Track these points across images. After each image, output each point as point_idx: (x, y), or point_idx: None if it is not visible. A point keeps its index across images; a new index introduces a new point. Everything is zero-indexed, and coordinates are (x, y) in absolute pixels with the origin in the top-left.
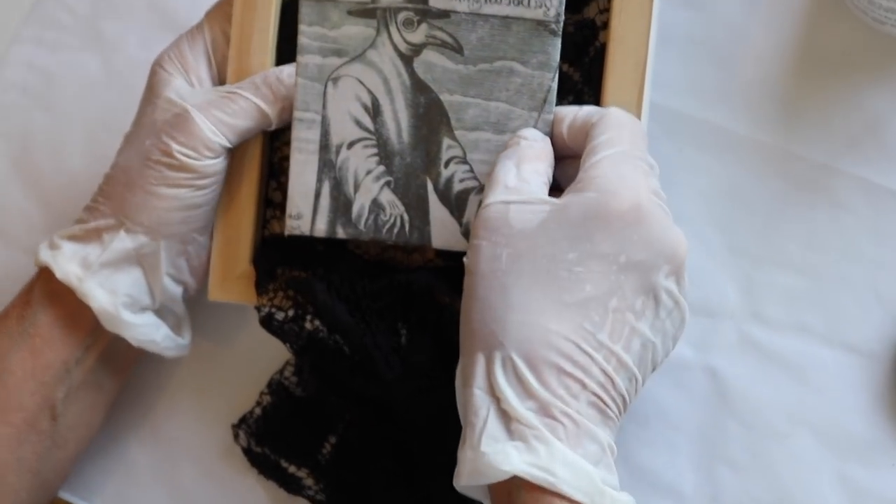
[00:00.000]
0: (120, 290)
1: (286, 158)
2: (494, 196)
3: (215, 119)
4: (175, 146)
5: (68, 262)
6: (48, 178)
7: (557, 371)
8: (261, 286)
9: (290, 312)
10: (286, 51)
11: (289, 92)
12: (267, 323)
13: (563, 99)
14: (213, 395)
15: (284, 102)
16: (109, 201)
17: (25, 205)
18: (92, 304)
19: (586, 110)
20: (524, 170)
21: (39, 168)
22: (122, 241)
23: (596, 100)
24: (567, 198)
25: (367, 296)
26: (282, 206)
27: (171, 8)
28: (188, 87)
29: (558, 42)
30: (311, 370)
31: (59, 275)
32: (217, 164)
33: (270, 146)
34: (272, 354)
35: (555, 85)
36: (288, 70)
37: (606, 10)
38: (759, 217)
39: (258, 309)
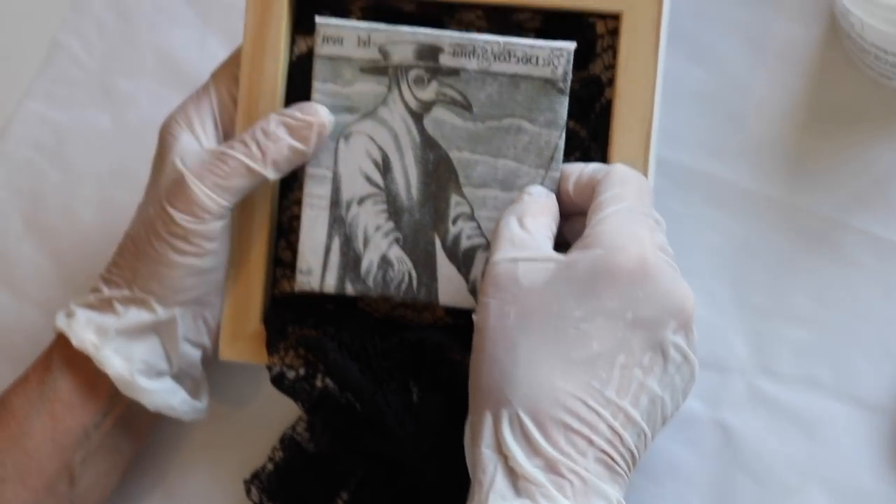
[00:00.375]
0: (136, 357)
1: (295, 217)
2: (502, 253)
3: (210, 182)
4: (175, 213)
5: (84, 330)
6: (60, 233)
7: (564, 428)
8: (271, 345)
9: (301, 371)
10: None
11: (277, 143)
12: (278, 382)
13: (569, 155)
14: (226, 452)
15: (276, 155)
16: (122, 271)
17: (38, 259)
18: (108, 371)
19: (592, 167)
20: (529, 224)
21: (52, 223)
22: (138, 311)
23: (603, 156)
24: (573, 254)
25: (378, 354)
26: (291, 266)
27: (181, 64)
28: (194, 146)
29: (566, 100)
30: (323, 427)
31: (75, 342)
32: (219, 225)
33: (279, 205)
34: (284, 411)
35: (562, 143)
36: (275, 119)
37: (612, 66)
38: (768, 271)
39: (269, 368)
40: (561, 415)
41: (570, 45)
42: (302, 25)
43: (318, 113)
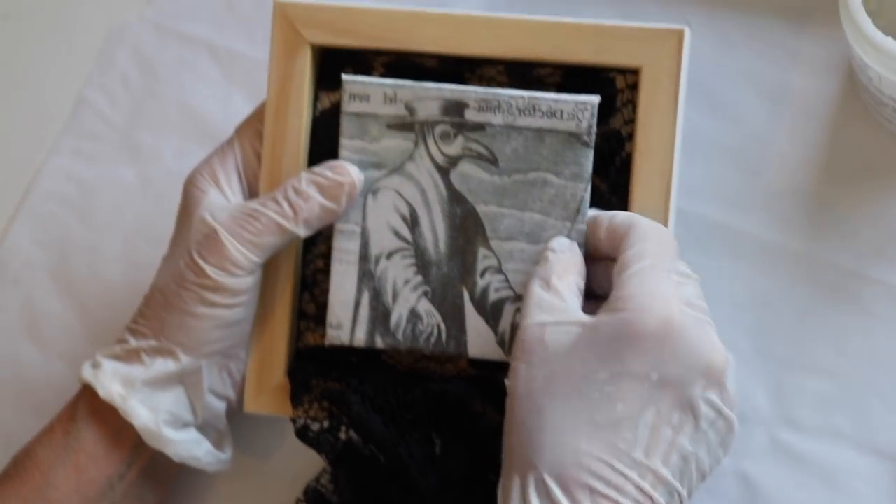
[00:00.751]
0: (162, 408)
1: (320, 271)
2: (531, 318)
3: (242, 239)
4: (207, 266)
5: (111, 381)
6: (86, 286)
7: (590, 492)
8: (296, 398)
9: (325, 423)
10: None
11: (308, 202)
12: (303, 434)
13: (590, 207)
14: (250, 503)
15: (307, 214)
16: (149, 322)
17: (64, 313)
18: (134, 422)
19: (619, 218)
20: (556, 285)
21: (78, 277)
22: (165, 362)
23: (623, 209)
24: (598, 317)
25: (401, 406)
26: (315, 319)
27: (205, 119)
28: (221, 201)
29: (591, 153)
30: (347, 479)
31: (101, 393)
32: (249, 280)
33: (303, 259)
34: (308, 463)
35: (587, 195)
36: (306, 178)
37: (631, 120)
38: (788, 322)
39: (294, 421)
40: (586, 478)
41: (595, 99)
42: (325, 82)
43: (348, 172)
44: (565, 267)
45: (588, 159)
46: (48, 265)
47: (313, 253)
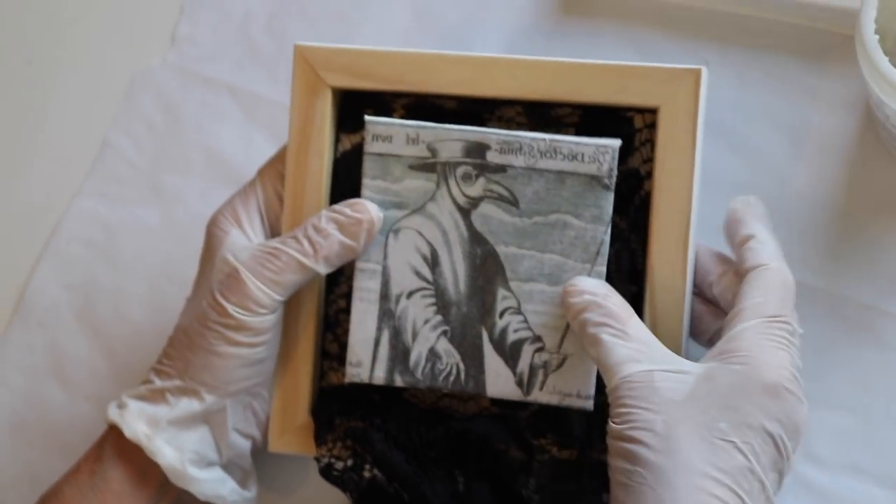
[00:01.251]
0: (187, 447)
1: (342, 311)
2: (630, 367)
3: (263, 277)
4: (229, 306)
5: (136, 421)
6: (111, 328)
7: None
8: (320, 437)
9: (349, 462)
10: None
11: (328, 239)
12: (327, 473)
13: (610, 245)
14: None
15: (327, 252)
16: (174, 363)
17: (90, 355)
18: (160, 461)
19: (747, 263)
20: (633, 333)
21: (103, 319)
22: (191, 401)
23: (643, 247)
24: (711, 367)
25: (424, 444)
26: (338, 358)
27: (227, 161)
28: (243, 241)
29: (611, 196)
30: None
31: (127, 433)
32: (272, 318)
33: (326, 299)
34: (331, 500)
35: (607, 238)
36: (326, 216)
37: (650, 159)
38: (808, 357)
39: (318, 459)
40: None
41: (616, 143)
42: (346, 124)
43: (367, 210)
44: (628, 312)
45: (608, 202)
46: (74, 307)
47: (335, 293)
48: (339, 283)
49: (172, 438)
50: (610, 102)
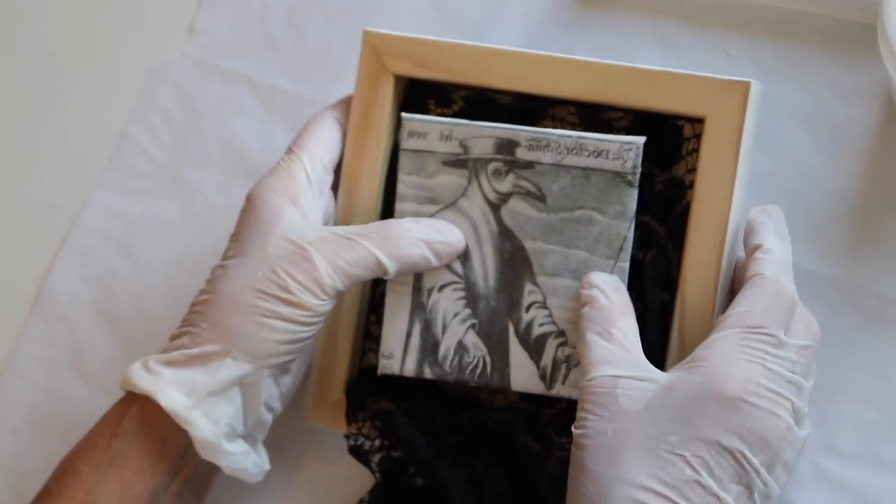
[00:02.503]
0: (222, 420)
1: (384, 294)
2: (598, 370)
3: (335, 264)
4: (292, 283)
5: (173, 390)
6: (131, 321)
7: None
8: (351, 415)
9: (377, 442)
10: (385, 198)
11: (409, 248)
12: (356, 451)
13: (646, 251)
14: None
15: (403, 261)
16: (214, 327)
17: (108, 348)
18: (195, 433)
19: (749, 272)
20: (617, 336)
21: (122, 312)
22: (229, 369)
23: (679, 254)
24: (674, 376)
25: (446, 429)
26: (378, 340)
27: (246, 154)
28: (301, 220)
29: (635, 193)
30: (388, 498)
31: (164, 403)
32: (329, 304)
33: (374, 281)
34: (343, 492)
35: (630, 234)
36: (408, 224)
37: (695, 169)
38: (830, 350)
39: (347, 437)
40: None
41: (640, 140)
42: (408, 111)
43: (461, 241)
44: (620, 312)
45: (632, 199)
46: (93, 300)
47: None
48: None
49: (210, 410)
50: (660, 108)
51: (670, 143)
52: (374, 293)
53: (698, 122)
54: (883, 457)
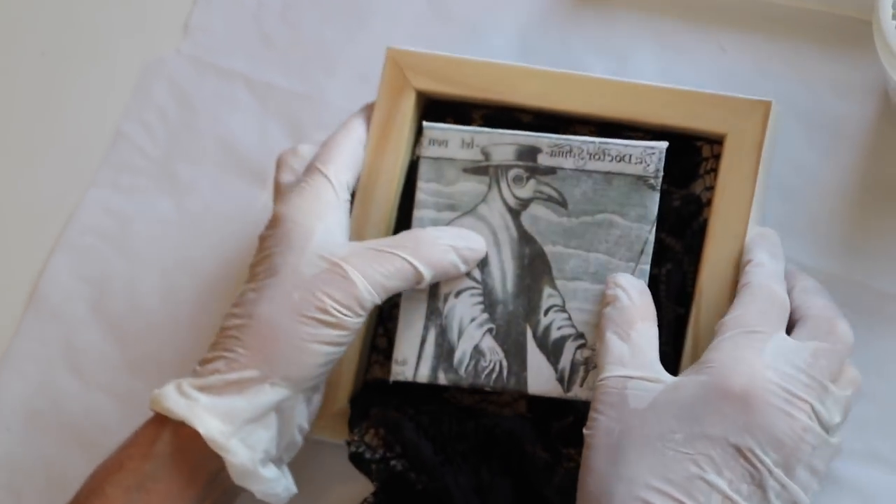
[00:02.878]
0: (259, 447)
1: (396, 306)
2: (611, 370)
3: (371, 278)
4: (330, 303)
5: (210, 416)
6: (126, 319)
7: None
8: (353, 423)
9: (380, 451)
10: (400, 211)
11: (442, 254)
12: (356, 459)
13: (661, 266)
14: None
15: (437, 268)
16: (252, 353)
17: (103, 346)
18: (232, 461)
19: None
20: (634, 337)
21: (117, 309)
22: (268, 395)
23: (694, 271)
24: (682, 377)
25: (453, 437)
26: (385, 352)
27: (242, 151)
28: (331, 238)
29: (657, 196)
30: None
31: (202, 430)
32: (364, 319)
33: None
34: (346, 495)
35: (652, 237)
36: (435, 233)
37: (712, 187)
38: None
39: (348, 444)
40: None
41: (663, 145)
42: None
43: (484, 247)
44: (641, 314)
45: (654, 202)
46: (88, 298)
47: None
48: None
49: (248, 437)
50: (681, 126)
51: (689, 163)
52: (382, 306)
53: (717, 143)
54: (880, 453)
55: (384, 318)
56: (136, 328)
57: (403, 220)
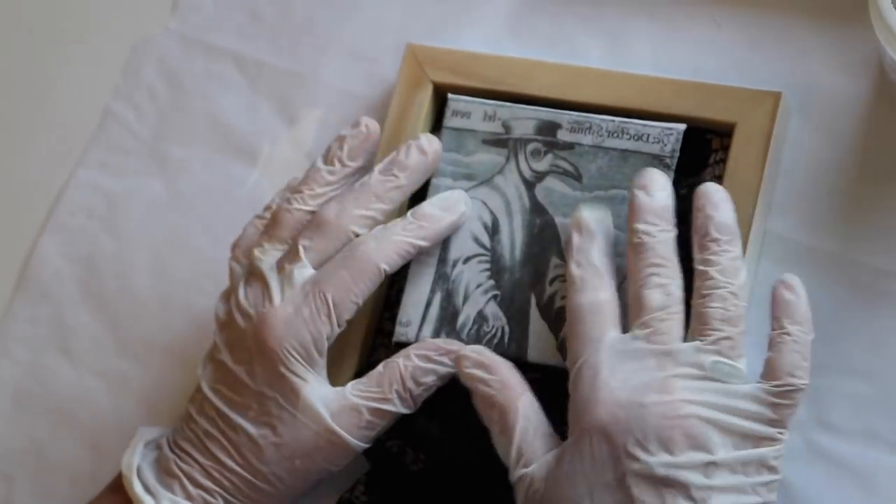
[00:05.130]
0: None
1: (402, 291)
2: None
3: (360, 433)
4: (326, 465)
5: None
6: (115, 299)
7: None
8: None
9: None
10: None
11: (418, 391)
12: None
13: None
14: None
15: (415, 399)
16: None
17: (93, 326)
18: None
19: None
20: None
21: (106, 290)
22: None
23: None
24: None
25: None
26: (390, 335)
27: (232, 130)
28: (323, 389)
29: (671, 175)
30: (382, 490)
31: None
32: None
33: (391, 279)
34: (341, 474)
35: None
36: (412, 365)
37: (721, 176)
38: (822, 324)
39: None
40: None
41: (681, 127)
42: (439, 125)
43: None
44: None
45: (668, 181)
46: (77, 278)
47: (400, 274)
48: (406, 265)
49: None
50: (692, 116)
51: (698, 153)
52: (389, 292)
53: (727, 135)
54: (877, 431)
55: (391, 303)
56: (126, 309)
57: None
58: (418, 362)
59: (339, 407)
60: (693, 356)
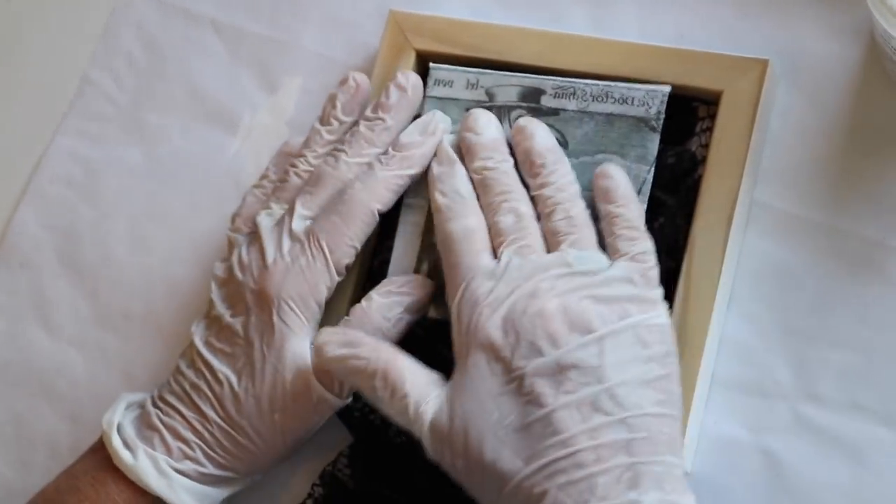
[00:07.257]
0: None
1: (385, 262)
2: None
3: (339, 387)
4: (309, 425)
5: (189, 497)
6: (94, 268)
7: None
8: None
9: (360, 402)
10: None
11: (388, 326)
12: (340, 413)
13: (654, 221)
14: (265, 489)
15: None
16: (231, 457)
17: (72, 295)
18: None
19: None
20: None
21: (85, 258)
22: (244, 482)
23: (687, 225)
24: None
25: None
26: None
27: (211, 97)
28: (307, 342)
29: (657, 138)
30: (365, 461)
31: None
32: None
33: (374, 249)
34: (323, 446)
35: (650, 177)
36: (376, 303)
37: (708, 145)
38: (811, 295)
39: None
40: None
41: (666, 88)
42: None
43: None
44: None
45: (654, 143)
46: (55, 247)
47: (384, 245)
48: (390, 236)
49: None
50: (678, 83)
51: (684, 121)
52: (371, 264)
53: (713, 103)
54: (864, 403)
55: (374, 275)
56: (105, 279)
57: None
58: (381, 299)
59: (317, 360)
60: (557, 259)
